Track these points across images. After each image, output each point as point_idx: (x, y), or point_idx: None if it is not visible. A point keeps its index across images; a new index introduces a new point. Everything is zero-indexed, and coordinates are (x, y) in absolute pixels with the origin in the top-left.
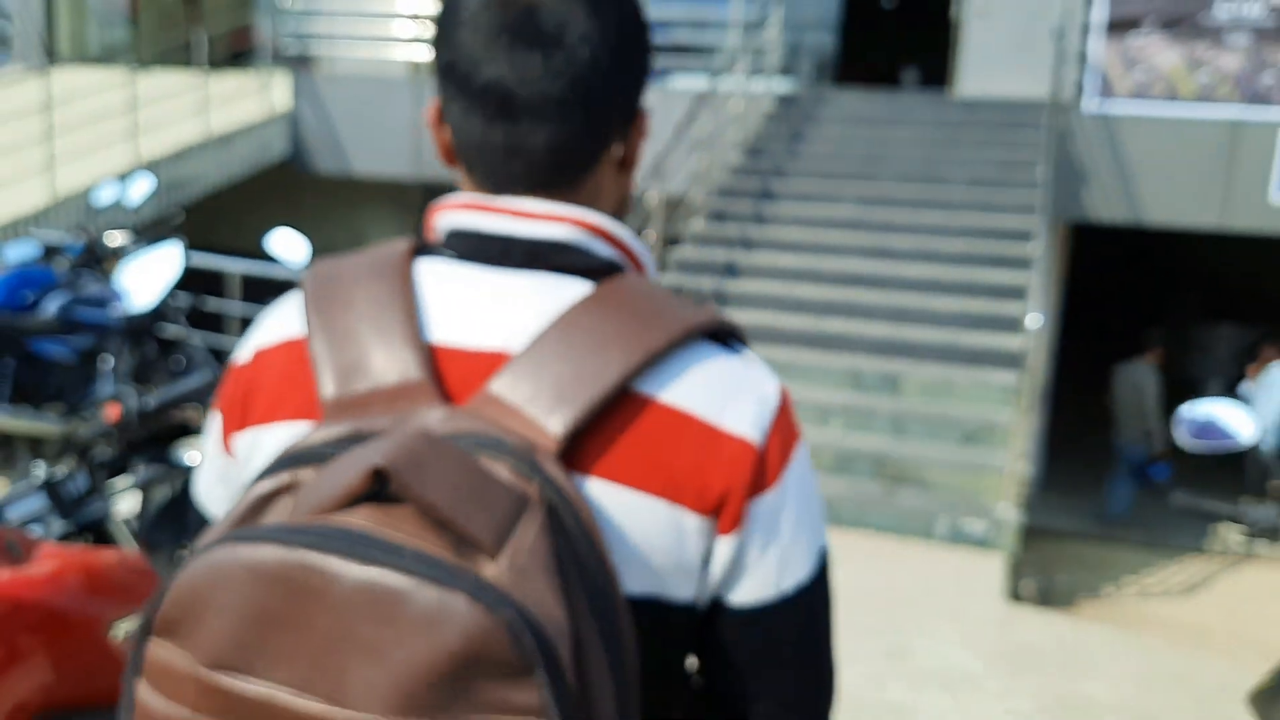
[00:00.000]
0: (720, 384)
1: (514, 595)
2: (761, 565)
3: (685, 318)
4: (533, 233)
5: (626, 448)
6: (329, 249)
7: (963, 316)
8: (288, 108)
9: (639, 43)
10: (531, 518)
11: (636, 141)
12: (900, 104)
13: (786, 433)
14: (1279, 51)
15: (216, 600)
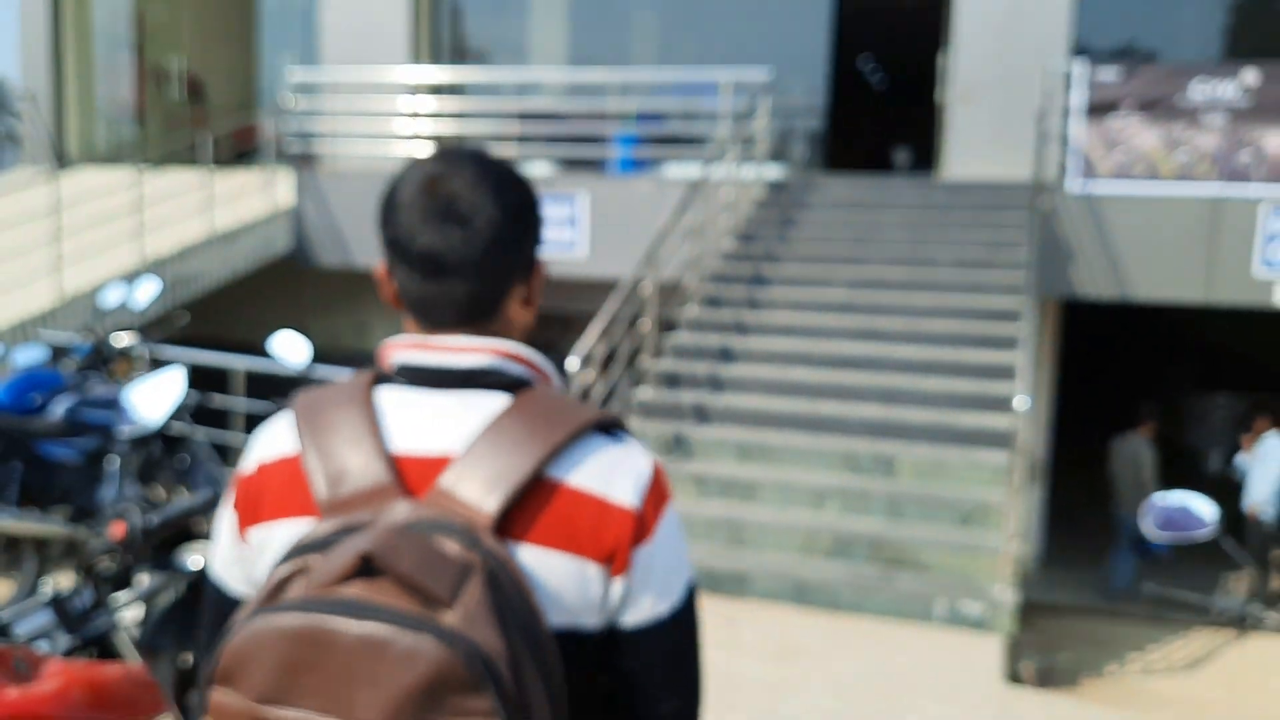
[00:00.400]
0: (607, 466)
1: (466, 635)
2: (644, 596)
3: (579, 418)
4: (460, 363)
5: (542, 519)
6: (333, 339)
7: (953, 397)
8: (291, 204)
9: (531, 217)
10: (475, 578)
11: (536, 285)
12: (887, 188)
13: (658, 498)
14: (1254, 130)
15: (258, 656)
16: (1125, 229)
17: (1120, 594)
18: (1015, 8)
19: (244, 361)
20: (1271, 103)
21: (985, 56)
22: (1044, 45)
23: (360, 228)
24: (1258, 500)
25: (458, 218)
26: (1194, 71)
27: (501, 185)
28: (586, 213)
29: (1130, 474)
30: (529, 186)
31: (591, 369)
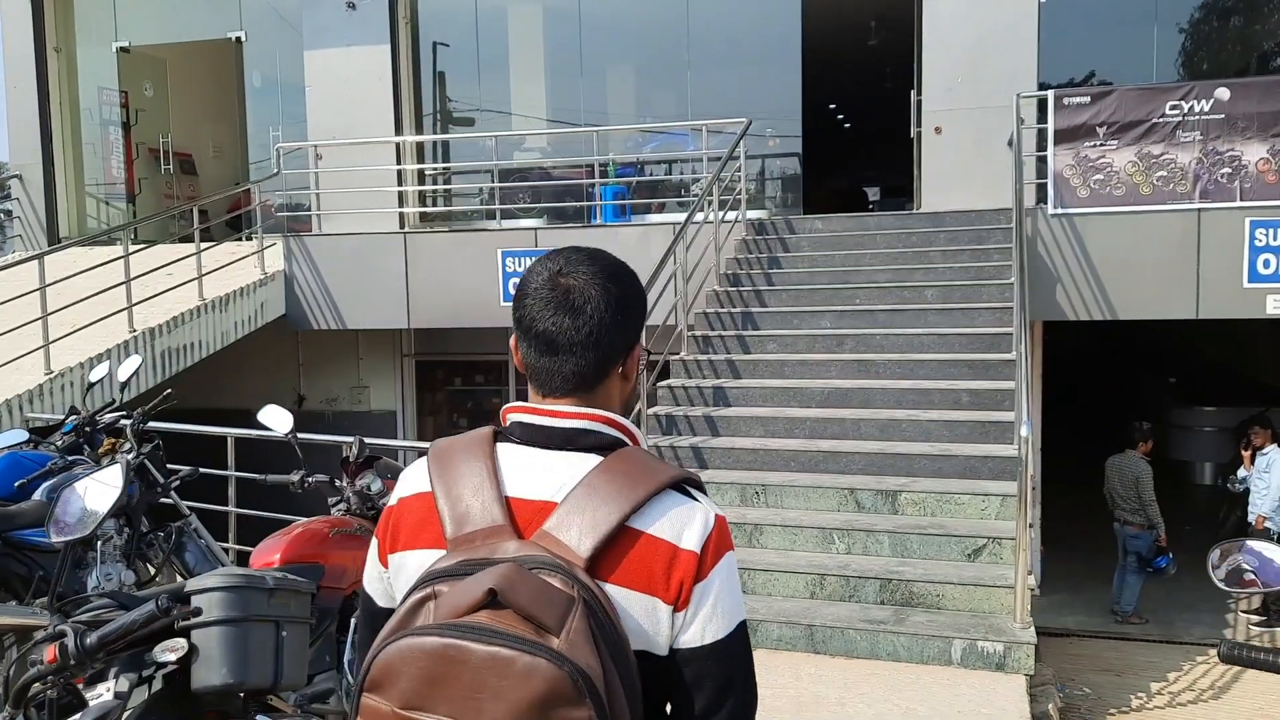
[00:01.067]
0: (679, 518)
1: (570, 656)
2: (697, 623)
3: (659, 478)
4: (563, 425)
5: (625, 562)
6: (330, 403)
7: (952, 427)
8: (280, 269)
9: (633, 309)
10: (577, 609)
11: (633, 362)
12: (867, 223)
13: (720, 545)
14: (1233, 143)
15: (403, 669)
16: (1109, 249)
17: (1129, 616)
18: (982, 40)
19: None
20: (1245, 116)
21: (955, 89)
22: (1012, 76)
23: (350, 290)
24: (1264, 512)
25: (571, 308)
26: (1165, 92)
27: (610, 281)
28: None
29: (1131, 494)
30: (634, 282)
31: None
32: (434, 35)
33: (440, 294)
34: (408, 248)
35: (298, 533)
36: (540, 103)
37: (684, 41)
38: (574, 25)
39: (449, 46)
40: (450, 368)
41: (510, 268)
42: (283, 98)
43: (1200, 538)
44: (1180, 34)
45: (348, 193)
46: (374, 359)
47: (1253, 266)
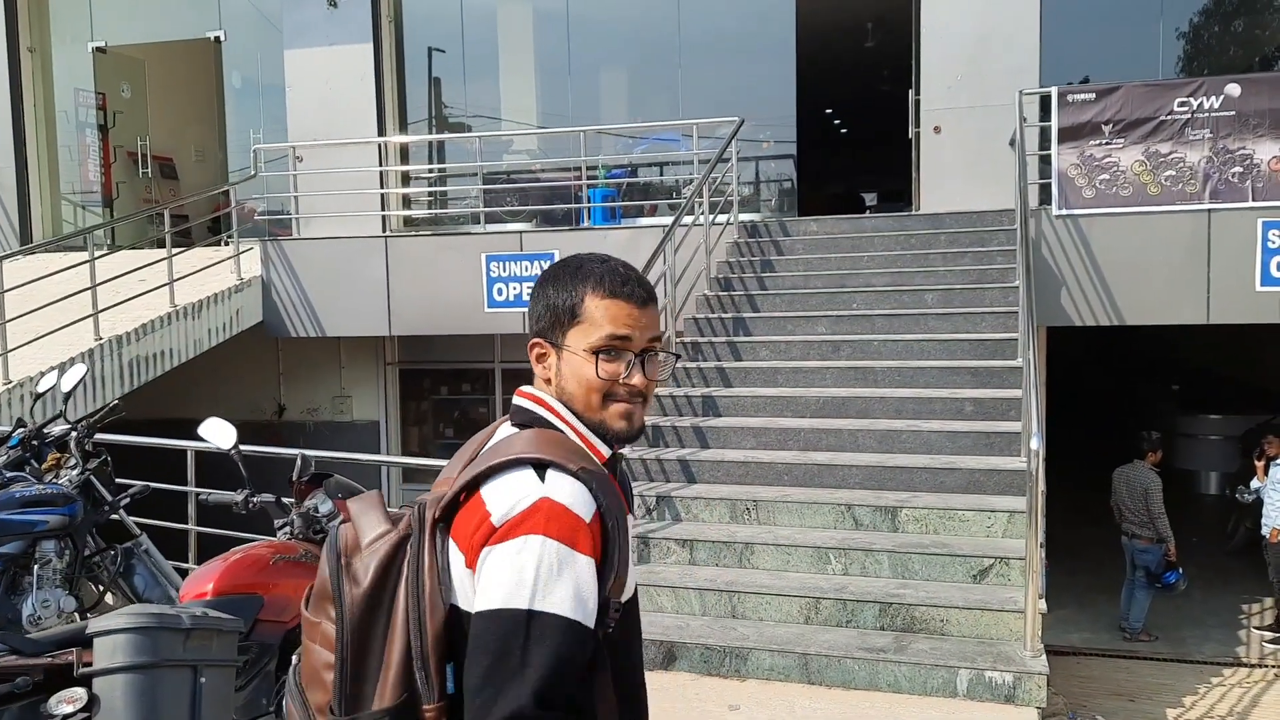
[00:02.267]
0: (508, 491)
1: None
2: (478, 590)
3: (524, 454)
4: (514, 402)
5: (459, 517)
6: (311, 407)
7: (955, 438)
8: (258, 274)
9: (534, 299)
10: (388, 539)
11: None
12: (863, 224)
13: (523, 525)
14: (1244, 141)
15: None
16: (1116, 251)
17: (1138, 632)
18: (982, 38)
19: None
20: (1256, 113)
21: (955, 87)
22: (1014, 73)
23: (330, 296)
24: (1278, 525)
25: None
26: (1173, 88)
27: (538, 281)
28: None
29: (1140, 506)
30: (545, 271)
31: None
32: (419, 35)
33: (423, 300)
34: (389, 252)
35: (235, 559)
36: (529, 104)
37: (675, 44)
38: (563, 26)
39: (436, 48)
40: (436, 376)
41: (495, 272)
42: (263, 99)
43: (1208, 550)
44: (1186, 31)
45: (329, 195)
46: (356, 367)
47: (1266, 269)
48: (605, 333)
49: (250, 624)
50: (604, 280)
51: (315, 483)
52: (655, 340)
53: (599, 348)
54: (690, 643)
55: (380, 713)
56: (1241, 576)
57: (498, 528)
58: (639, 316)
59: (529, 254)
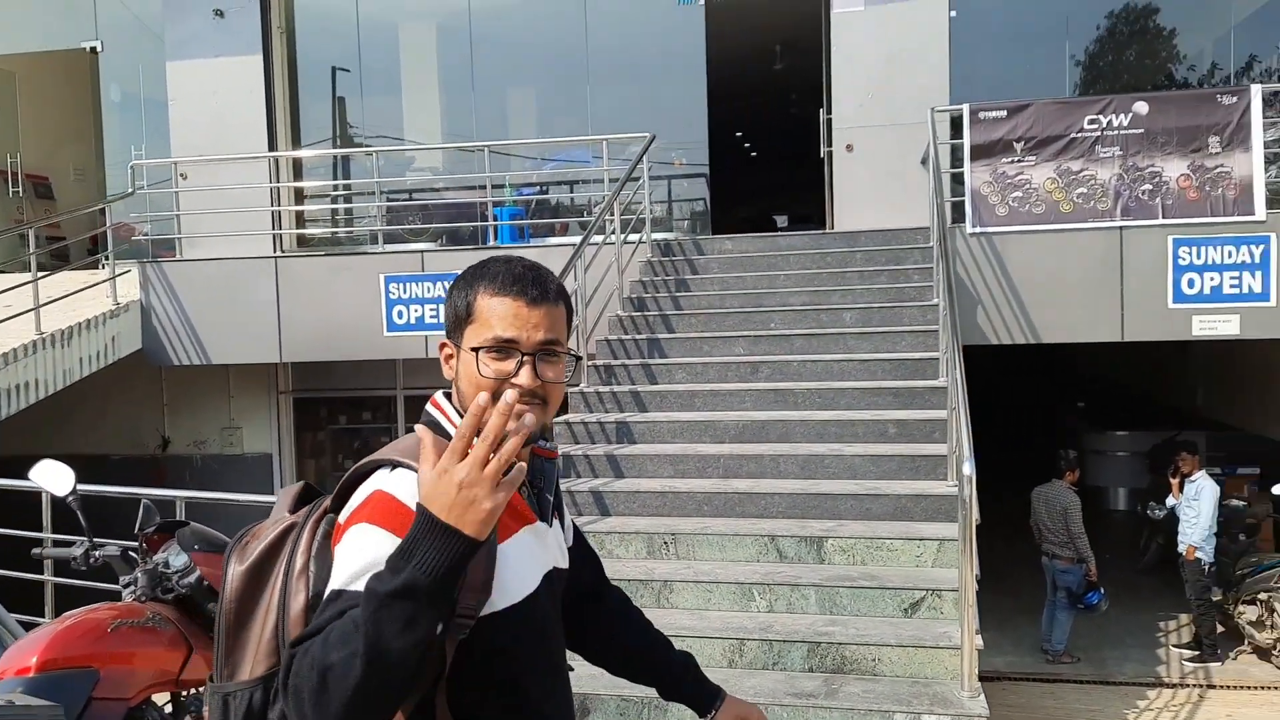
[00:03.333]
0: (361, 489)
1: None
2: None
3: (383, 454)
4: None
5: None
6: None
7: (879, 462)
8: (136, 298)
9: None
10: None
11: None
12: (779, 243)
13: (351, 518)
14: (1153, 159)
15: None
16: (1031, 269)
17: (1061, 654)
18: (892, 56)
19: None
20: (1164, 131)
21: (866, 105)
22: (924, 91)
23: (215, 321)
24: (1194, 542)
25: None
26: (1083, 105)
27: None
28: None
29: (1060, 525)
30: (454, 284)
31: None
32: (315, 48)
33: (317, 324)
34: (279, 274)
35: (67, 626)
36: (433, 122)
37: (584, 65)
38: (468, 42)
39: (336, 65)
40: (334, 405)
41: (395, 294)
42: (146, 113)
43: (1121, 567)
44: (1092, 50)
45: (216, 215)
46: (247, 397)
47: (1177, 286)
48: (491, 333)
49: (82, 704)
50: (497, 278)
51: (170, 531)
52: (553, 342)
53: (482, 346)
54: (605, 694)
55: (246, 682)
56: (1156, 594)
57: (342, 524)
58: (528, 315)
59: (431, 274)
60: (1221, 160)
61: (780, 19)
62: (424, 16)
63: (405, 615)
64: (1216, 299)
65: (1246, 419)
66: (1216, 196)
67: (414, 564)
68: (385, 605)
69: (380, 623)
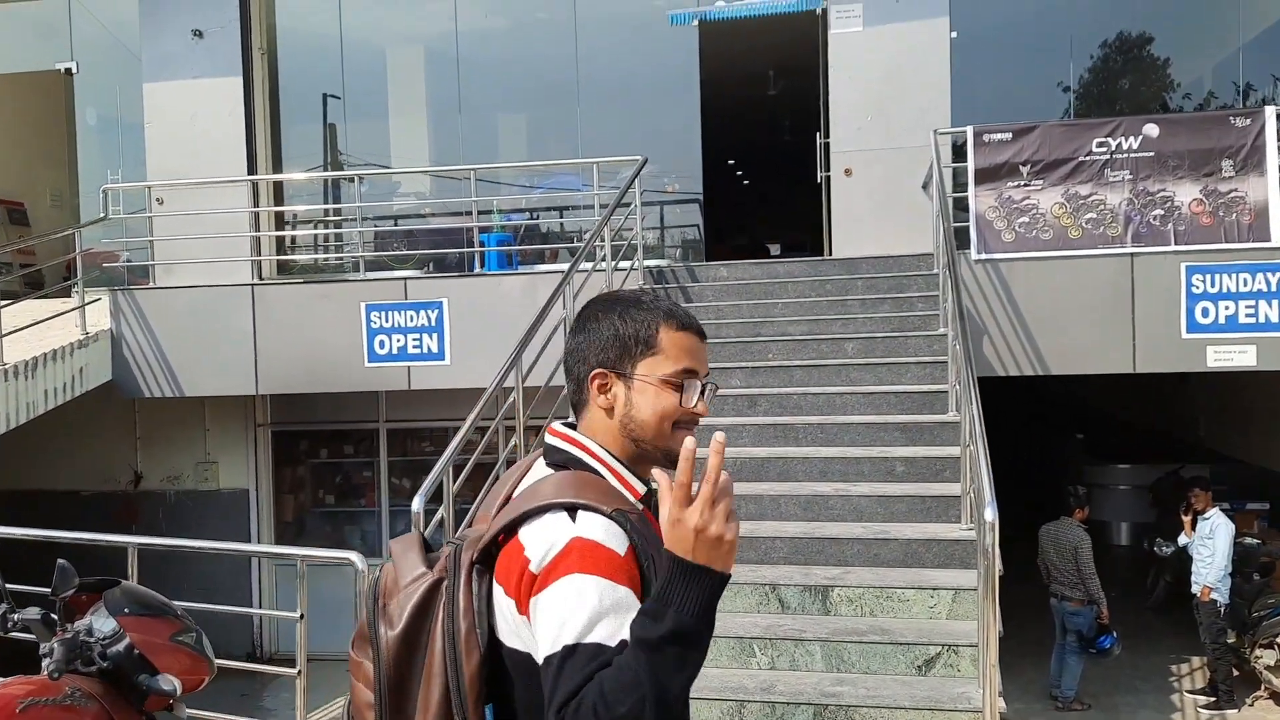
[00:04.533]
0: (543, 536)
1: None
2: (538, 637)
3: (560, 497)
4: (547, 440)
5: (503, 562)
6: (172, 474)
7: (887, 503)
8: (107, 328)
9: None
10: (423, 581)
11: (595, 390)
12: (775, 270)
13: (554, 569)
14: (1164, 183)
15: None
16: (1039, 297)
17: (1071, 701)
18: (891, 77)
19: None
20: (1175, 154)
21: (864, 129)
22: (925, 114)
23: (190, 351)
24: (1209, 583)
25: (570, 333)
26: (1091, 128)
27: (588, 317)
28: (448, 317)
29: (1070, 565)
30: (595, 308)
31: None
32: (295, 70)
33: (295, 355)
34: (256, 302)
35: None
36: (418, 145)
37: (574, 90)
38: (456, 68)
39: (315, 85)
40: (315, 438)
41: (376, 323)
42: (123, 136)
43: (1128, 606)
44: (1097, 72)
45: (192, 241)
46: (223, 430)
47: (1191, 315)
48: (682, 365)
49: None
50: (674, 314)
51: (98, 591)
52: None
53: (675, 378)
54: None
55: None
56: (1166, 634)
57: (537, 575)
58: (702, 350)
59: (414, 303)
60: (1235, 184)
61: (776, 39)
62: (411, 40)
63: (677, 656)
64: (1232, 329)
65: (1252, 451)
66: (1231, 222)
67: (674, 608)
68: (658, 651)
69: (657, 668)
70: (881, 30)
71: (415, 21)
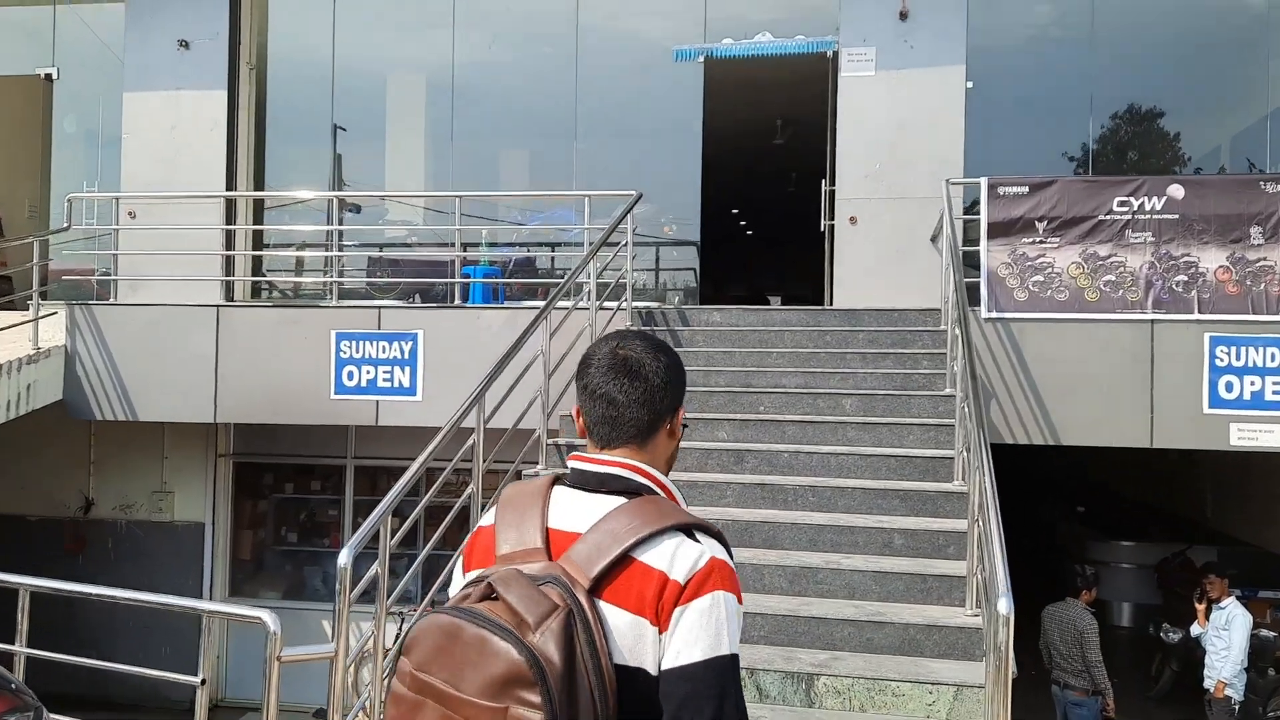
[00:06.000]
0: (674, 553)
1: (537, 647)
2: (674, 646)
3: (667, 520)
4: (600, 470)
5: (621, 586)
6: (125, 503)
7: (883, 580)
8: (61, 344)
9: (678, 375)
10: (559, 615)
11: (679, 422)
12: (772, 318)
13: (708, 582)
14: (1188, 247)
15: (423, 638)
16: (1052, 362)
17: None
18: (903, 125)
19: None
20: (1201, 218)
21: (872, 177)
22: (937, 162)
23: (147, 372)
24: (1225, 677)
25: (630, 373)
26: (1112, 186)
27: (660, 352)
28: (422, 350)
29: (1074, 651)
30: (676, 354)
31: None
32: (285, 83)
33: (257, 382)
34: (220, 324)
35: None
36: (410, 173)
37: (571, 128)
38: (447, 94)
39: (303, 102)
40: (280, 471)
41: (345, 352)
42: (103, 148)
43: (1132, 692)
44: (1118, 129)
45: (160, 258)
46: (182, 458)
47: (1214, 389)
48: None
49: None
50: None
51: None
52: None
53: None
54: None
55: None
56: None
57: (684, 587)
58: None
59: (387, 333)
60: (1265, 253)
61: (783, 82)
62: (408, 66)
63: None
64: (1258, 405)
65: (1262, 534)
66: (1259, 292)
67: None
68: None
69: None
70: (894, 76)
71: (413, 48)
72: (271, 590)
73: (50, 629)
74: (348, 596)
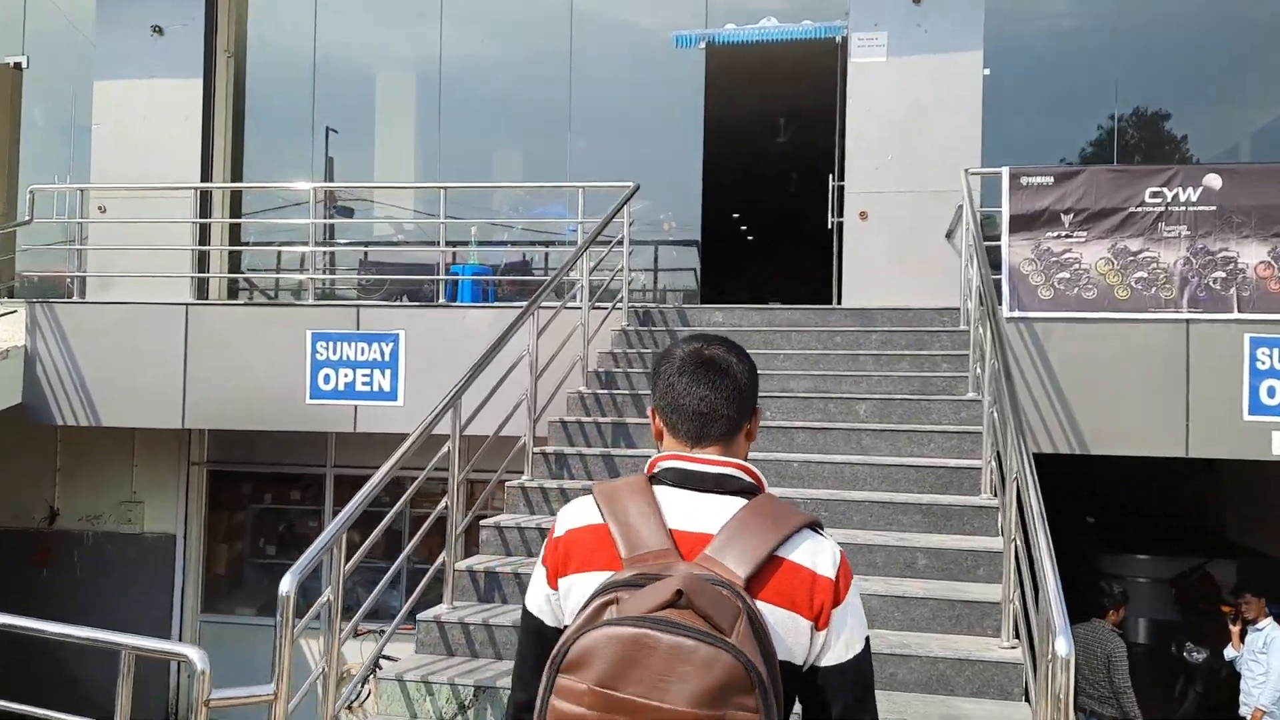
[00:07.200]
0: (814, 550)
1: (745, 651)
2: (838, 643)
3: (798, 519)
4: (712, 470)
5: (774, 584)
6: (92, 514)
7: (907, 607)
8: (21, 344)
9: (757, 378)
10: (743, 617)
11: (757, 423)
12: (777, 318)
13: (848, 574)
14: (1227, 241)
15: (600, 653)
16: (1079, 365)
17: None
18: (916, 114)
19: None
20: (1240, 210)
21: (883, 169)
22: (952, 152)
23: (112, 375)
24: (1264, 705)
25: (721, 372)
26: (1145, 176)
27: (743, 354)
28: (404, 351)
29: (1101, 676)
30: (732, 344)
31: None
32: (264, 72)
33: (228, 386)
34: (189, 323)
35: None
36: (399, 168)
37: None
38: (435, 87)
39: (284, 93)
40: (259, 481)
41: (322, 354)
42: (75, 140)
43: (1152, 716)
44: (1144, 120)
45: (128, 253)
46: (152, 466)
47: (1254, 394)
48: None
49: None
50: None
51: None
52: None
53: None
54: None
55: None
56: None
57: (835, 581)
58: None
59: (367, 334)
60: None
61: (789, 69)
62: (395, 60)
63: None
64: None
65: None
66: None
67: None
68: None
69: None
70: (907, 62)
71: (399, 42)
72: (247, 606)
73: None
74: (290, 629)
